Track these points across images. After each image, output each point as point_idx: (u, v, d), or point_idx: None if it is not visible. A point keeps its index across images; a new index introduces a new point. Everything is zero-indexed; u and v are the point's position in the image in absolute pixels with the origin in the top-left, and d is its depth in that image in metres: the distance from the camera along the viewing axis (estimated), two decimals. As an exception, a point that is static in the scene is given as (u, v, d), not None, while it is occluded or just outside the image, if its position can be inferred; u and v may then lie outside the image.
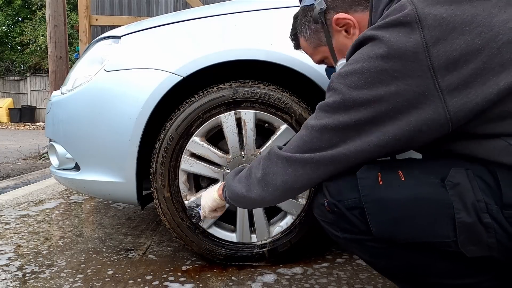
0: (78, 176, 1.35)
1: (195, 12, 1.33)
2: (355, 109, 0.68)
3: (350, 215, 0.71)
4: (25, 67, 16.26)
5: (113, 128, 1.25)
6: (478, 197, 0.63)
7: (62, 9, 4.46)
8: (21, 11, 16.59)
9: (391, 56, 0.65)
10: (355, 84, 0.68)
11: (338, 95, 0.70)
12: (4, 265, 1.33)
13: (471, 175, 0.64)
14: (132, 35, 1.30)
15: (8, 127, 12.19)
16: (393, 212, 0.67)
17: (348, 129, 0.69)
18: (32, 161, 4.61)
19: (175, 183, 1.26)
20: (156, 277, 1.22)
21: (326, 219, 0.78)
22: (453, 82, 0.62)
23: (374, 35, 0.67)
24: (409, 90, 0.64)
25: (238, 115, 1.22)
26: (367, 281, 1.19)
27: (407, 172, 0.69)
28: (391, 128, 0.67)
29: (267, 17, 1.25)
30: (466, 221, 0.63)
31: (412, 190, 0.67)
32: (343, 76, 0.70)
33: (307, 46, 0.96)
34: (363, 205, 0.69)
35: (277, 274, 1.25)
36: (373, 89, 0.66)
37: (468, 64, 0.62)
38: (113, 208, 2.11)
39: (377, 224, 0.69)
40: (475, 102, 0.62)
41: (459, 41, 0.62)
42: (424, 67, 0.63)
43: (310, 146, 0.74)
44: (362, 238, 0.73)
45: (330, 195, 0.74)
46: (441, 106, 0.63)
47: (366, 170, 0.71)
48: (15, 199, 2.34)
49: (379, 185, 0.68)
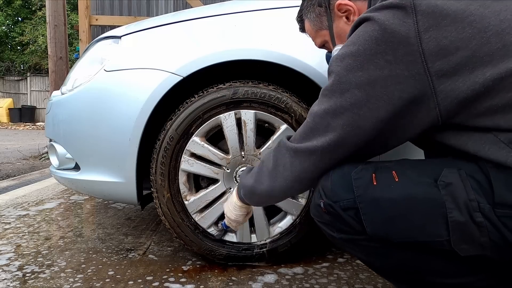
0: (78, 176, 1.35)
1: (195, 12, 1.33)
2: (351, 92, 0.70)
3: (346, 215, 0.72)
4: (25, 67, 16.27)
5: (113, 128, 1.25)
6: (471, 196, 0.63)
7: (62, 9, 4.46)
8: (21, 11, 16.60)
9: (384, 39, 0.66)
10: (351, 66, 0.70)
11: (335, 78, 0.72)
12: (4, 265, 1.33)
13: (464, 175, 0.65)
14: (132, 35, 1.30)
15: (8, 127, 12.19)
16: (387, 211, 0.68)
17: (346, 112, 0.71)
18: (32, 161, 4.61)
19: (175, 183, 1.26)
20: (157, 278, 1.22)
21: (322, 220, 0.79)
22: (442, 68, 0.64)
23: (369, 16, 0.69)
24: (400, 74, 0.66)
25: (238, 115, 1.22)
26: (367, 281, 1.19)
27: (400, 172, 0.70)
28: (383, 111, 0.68)
29: (267, 17, 1.25)
30: (459, 220, 0.64)
31: (405, 190, 0.67)
32: (340, 58, 0.72)
33: (310, 28, 0.98)
34: (358, 206, 0.70)
35: (278, 274, 1.25)
36: (367, 71, 0.68)
37: (458, 52, 0.63)
38: (113, 208, 2.11)
39: (371, 224, 0.69)
40: (461, 90, 0.63)
41: (450, 29, 0.63)
42: (415, 52, 0.64)
43: (314, 132, 0.75)
44: (357, 238, 0.73)
45: (326, 196, 0.75)
46: (430, 91, 0.65)
47: (361, 170, 0.72)
48: (15, 199, 2.34)
49: (373, 186, 0.69)
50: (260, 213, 1.26)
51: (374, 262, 0.79)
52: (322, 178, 0.77)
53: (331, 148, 0.73)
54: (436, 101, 0.65)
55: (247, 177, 0.93)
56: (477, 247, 0.65)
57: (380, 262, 0.77)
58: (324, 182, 0.76)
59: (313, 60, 1.18)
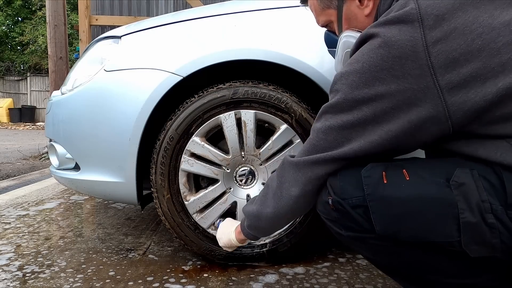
0: (78, 176, 1.35)
1: (195, 12, 1.33)
2: (358, 108, 0.70)
3: (354, 213, 0.71)
4: (25, 67, 16.26)
5: (113, 128, 1.25)
6: (483, 197, 0.63)
7: (62, 9, 4.46)
8: (21, 11, 16.59)
9: (391, 55, 0.66)
10: (357, 84, 0.69)
11: (340, 95, 0.72)
12: (4, 265, 1.33)
13: (476, 175, 0.65)
14: (132, 35, 1.30)
15: (8, 127, 12.19)
16: (397, 210, 0.67)
17: (352, 128, 0.71)
18: (32, 161, 4.61)
19: (175, 183, 1.26)
20: (157, 278, 1.22)
21: (330, 217, 0.78)
22: (452, 80, 0.63)
23: (375, 33, 0.68)
24: (409, 89, 0.65)
25: (238, 115, 1.22)
26: (367, 281, 1.19)
27: (412, 171, 0.69)
28: (392, 127, 0.68)
29: (267, 17, 1.25)
30: (471, 221, 0.63)
31: (417, 189, 0.67)
32: (345, 76, 0.72)
33: (316, 4, 0.92)
34: (367, 204, 0.69)
35: (279, 274, 1.25)
36: (373, 88, 0.68)
37: (468, 64, 0.63)
38: (113, 208, 2.11)
39: (380, 223, 0.69)
40: (474, 101, 0.63)
41: (459, 41, 0.63)
42: (423, 65, 0.64)
43: (318, 148, 0.76)
44: (365, 236, 0.73)
45: (335, 193, 0.74)
46: (440, 104, 0.64)
47: (371, 168, 0.71)
48: (15, 199, 2.34)
49: (383, 184, 0.69)
50: (260, 213, 1.26)
51: (381, 260, 0.79)
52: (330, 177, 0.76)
53: (334, 161, 0.74)
54: (448, 114, 0.64)
55: (251, 206, 0.93)
56: (488, 248, 0.65)
57: (387, 261, 0.77)
58: (332, 179, 0.75)
59: (313, 60, 1.18)
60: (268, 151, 1.23)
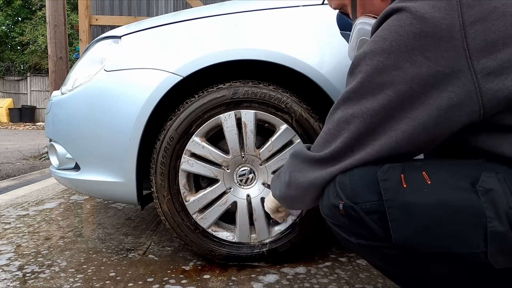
0: (78, 176, 1.35)
1: (195, 12, 1.33)
2: (383, 93, 0.63)
3: (368, 220, 0.65)
4: (25, 67, 16.27)
5: (113, 128, 1.25)
6: (511, 204, 0.58)
7: (62, 9, 4.46)
8: (21, 11, 16.60)
9: (423, 34, 0.60)
10: (384, 65, 0.63)
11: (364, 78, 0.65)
12: (4, 265, 1.33)
13: (502, 180, 0.60)
14: (132, 35, 1.30)
15: (8, 127, 12.19)
16: (419, 218, 0.61)
17: (376, 116, 0.65)
18: (32, 161, 4.61)
19: (175, 183, 1.26)
20: (157, 279, 1.22)
21: (337, 222, 0.71)
22: (488, 66, 0.58)
23: (403, 7, 0.62)
24: (441, 72, 0.60)
25: (238, 115, 1.22)
26: (367, 281, 1.19)
27: (432, 174, 0.63)
28: (420, 113, 0.62)
29: (267, 17, 1.25)
30: (499, 230, 0.58)
31: (441, 194, 0.61)
32: (369, 56, 0.65)
33: None
34: (385, 210, 0.63)
35: (279, 273, 1.25)
36: (402, 70, 0.62)
37: (506, 49, 0.58)
38: (113, 208, 2.11)
39: (399, 231, 0.62)
40: (510, 90, 0.58)
41: (499, 23, 0.58)
42: (458, 47, 0.59)
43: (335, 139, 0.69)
44: (379, 245, 0.67)
45: (346, 197, 0.67)
46: (474, 91, 0.59)
47: (388, 171, 0.65)
48: (15, 199, 2.34)
49: (403, 188, 0.62)
50: (260, 213, 1.26)
51: (392, 270, 0.73)
52: (338, 177, 0.70)
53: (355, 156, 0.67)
54: (481, 102, 0.59)
55: (272, 181, 0.94)
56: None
57: (400, 271, 0.71)
58: (342, 180, 0.68)
59: (313, 60, 1.18)
60: (268, 151, 1.23)
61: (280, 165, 1.24)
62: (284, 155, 1.23)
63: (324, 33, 1.21)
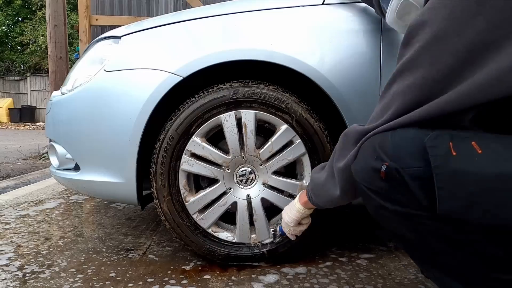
0: (78, 176, 1.35)
1: (195, 12, 1.33)
2: (442, 62, 0.61)
3: (413, 185, 0.61)
4: (25, 67, 16.28)
5: (113, 128, 1.25)
6: None
7: (62, 9, 4.46)
8: (21, 11, 16.61)
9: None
10: (444, 33, 0.61)
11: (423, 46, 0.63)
12: (4, 265, 1.33)
13: None
14: (132, 35, 1.30)
15: (8, 127, 12.19)
16: (470, 188, 0.57)
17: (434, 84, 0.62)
18: (32, 161, 4.61)
19: (175, 184, 1.26)
20: (157, 279, 1.22)
21: (374, 187, 0.67)
22: None
23: None
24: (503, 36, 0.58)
25: (238, 115, 1.22)
26: (367, 281, 1.19)
27: (482, 144, 0.59)
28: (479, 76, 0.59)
29: (267, 17, 1.25)
30: None
31: (494, 164, 0.57)
32: (428, 24, 0.63)
33: None
34: (432, 177, 0.59)
35: (280, 273, 1.25)
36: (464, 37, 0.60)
37: None
38: (113, 208, 2.11)
39: (447, 200, 0.58)
40: None
41: None
42: None
43: (388, 111, 0.67)
44: (417, 214, 0.62)
45: (390, 159, 0.63)
46: None
47: (436, 137, 0.61)
48: (15, 199, 2.34)
49: (453, 156, 0.59)
50: (261, 213, 1.26)
51: (427, 246, 0.67)
52: (377, 138, 0.67)
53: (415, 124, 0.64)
54: None
55: (320, 172, 0.91)
56: None
57: (436, 247, 0.65)
58: (384, 143, 0.65)
59: (313, 60, 1.18)
60: (268, 151, 1.23)
61: (280, 165, 1.24)
62: (284, 155, 1.23)
63: (325, 34, 1.21)
